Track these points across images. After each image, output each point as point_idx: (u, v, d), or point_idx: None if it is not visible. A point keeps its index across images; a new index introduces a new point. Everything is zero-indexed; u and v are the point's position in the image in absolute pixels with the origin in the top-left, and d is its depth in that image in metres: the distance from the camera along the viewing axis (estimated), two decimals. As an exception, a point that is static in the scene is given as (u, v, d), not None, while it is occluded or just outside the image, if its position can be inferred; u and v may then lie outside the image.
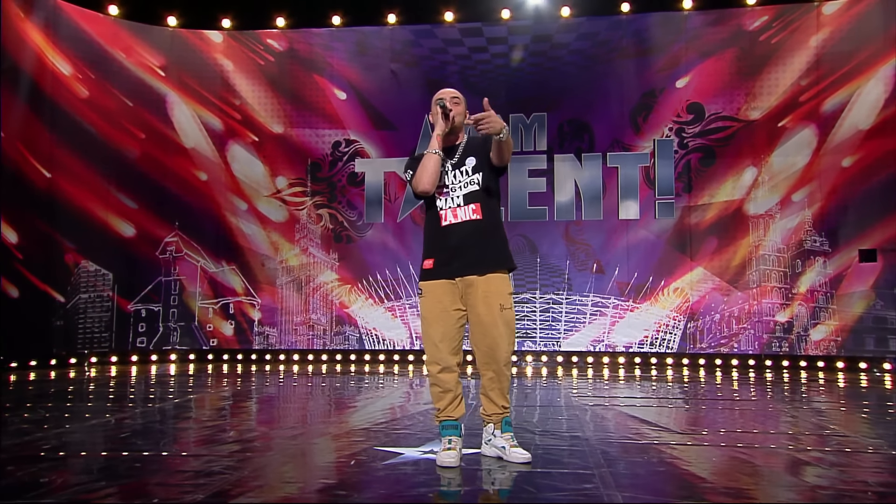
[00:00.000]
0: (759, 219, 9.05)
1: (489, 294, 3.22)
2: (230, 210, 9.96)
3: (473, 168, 3.32)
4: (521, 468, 3.11)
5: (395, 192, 9.79)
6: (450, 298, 3.26)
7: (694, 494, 2.75)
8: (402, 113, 9.79)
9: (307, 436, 3.90)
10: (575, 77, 9.50)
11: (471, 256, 3.24)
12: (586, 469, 3.10)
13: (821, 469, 3.16)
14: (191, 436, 4.03)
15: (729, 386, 6.90)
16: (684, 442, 3.84)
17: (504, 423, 3.30)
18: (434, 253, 3.32)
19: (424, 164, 3.27)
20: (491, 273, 3.25)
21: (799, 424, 4.51)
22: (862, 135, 8.84)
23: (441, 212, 3.30)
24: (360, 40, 9.98)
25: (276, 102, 10.04)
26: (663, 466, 3.28)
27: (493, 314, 3.21)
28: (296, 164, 9.96)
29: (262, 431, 4.13)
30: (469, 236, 3.25)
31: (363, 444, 3.68)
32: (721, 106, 9.22)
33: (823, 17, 9.09)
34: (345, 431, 4.07)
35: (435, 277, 3.29)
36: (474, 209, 3.25)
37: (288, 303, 9.80)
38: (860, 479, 2.99)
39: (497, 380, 3.27)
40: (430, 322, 3.27)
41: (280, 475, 2.99)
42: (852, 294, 8.79)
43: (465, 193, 3.28)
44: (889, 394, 6.51)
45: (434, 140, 3.31)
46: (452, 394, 3.24)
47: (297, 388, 6.78)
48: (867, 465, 3.27)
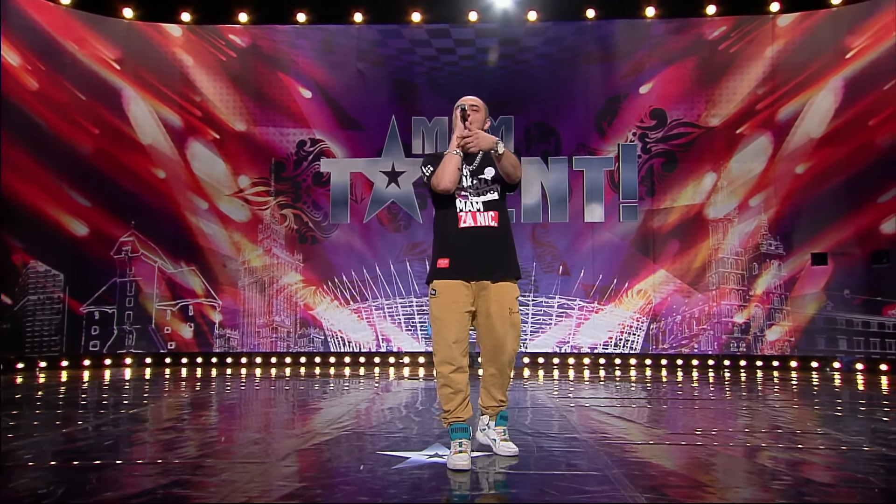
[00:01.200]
0: (719, 223, 9.34)
1: (502, 297, 3.31)
2: (190, 209, 9.69)
3: (493, 178, 3.39)
4: (535, 471, 3.12)
5: (361, 192, 9.69)
6: (463, 300, 3.29)
7: (714, 493, 2.81)
8: (369, 113, 9.71)
9: (302, 439, 3.82)
10: (542, 81, 9.60)
11: (487, 262, 3.31)
12: (597, 470, 3.13)
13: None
14: (176, 441, 3.89)
15: (704, 386, 7.08)
16: (681, 442, 3.92)
17: (499, 416, 3.45)
18: (449, 253, 3.34)
19: (445, 163, 3.32)
20: (503, 281, 3.34)
21: (783, 422, 4.67)
22: (814, 143, 9.23)
23: (460, 213, 3.35)
24: (326, 38, 9.85)
25: (239, 99, 9.82)
26: (672, 466, 3.34)
27: (503, 315, 3.31)
28: (259, 162, 9.75)
29: (251, 437, 4.02)
30: (487, 242, 3.32)
31: (364, 448, 3.63)
32: (682, 112, 9.48)
33: (778, 28, 9.45)
34: (339, 436, 4.00)
35: (450, 277, 3.31)
36: (493, 216, 3.34)
37: (250, 304, 9.59)
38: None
39: (499, 376, 3.39)
40: (444, 323, 3.26)
41: (291, 481, 2.91)
42: (805, 296, 9.16)
43: (485, 200, 3.35)
44: (839, 392, 6.79)
45: (454, 141, 3.36)
46: (463, 394, 3.25)
47: (269, 391, 6.64)
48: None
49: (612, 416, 4.96)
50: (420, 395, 6.12)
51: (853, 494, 2.80)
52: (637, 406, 5.61)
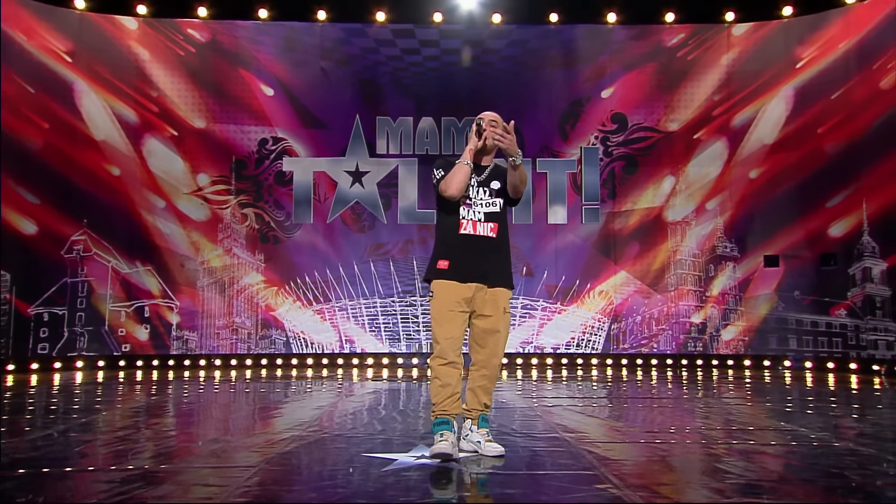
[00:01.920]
0: (677, 225, 9.58)
1: (496, 299, 3.49)
2: (146, 207, 9.41)
3: (498, 191, 3.55)
4: (526, 472, 3.15)
5: (324, 192, 9.59)
6: (458, 301, 3.44)
7: (706, 490, 2.88)
8: (333, 112, 9.62)
9: (283, 442, 3.75)
10: (506, 83, 9.67)
11: (483, 269, 3.47)
12: (586, 469, 3.17)
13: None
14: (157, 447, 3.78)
15: (668, 385, 7.24)
16: (667, 440, 4.00)
17: (481, 419, 3.52)
18: (449, 256, 3.49)
19: (455, 172, 3.47)
20: (497, 287, 3.51)
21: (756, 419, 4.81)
22: (767, 149, 9.55)
23: (462, 220, 3.51)
24: (289, 36, 9.72)
25: (198, 96, 9.59)
26: (658, 464, 3.40)
27: (496, 317, 3.48)
28: (219, 160, 9.55)
29: (226, 441, 3.93)
30: (485, 251, 3.50)
31: (349, 451, 3.59)
32: (643, 117, 9.68)
33: (733, 37, 9.75)
34: (319, 439, 3.95)
35: (448, 278, 3.46)
36: (492, 227, 3.51)
37: (210, 305, 9.38)
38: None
39: (489, 378, 3.52)
40: (439, 322, 3.44)
41: (282, 486, 2.86)
42: (758, 297, 9.47)
43: (486, 211, 3.51)
44: (789, 389, 7.04)
45: (466, 153, 3.52)
46: (451, 388, 3.38)
47: (235, 394, 6.50)
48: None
49: (585, 415, 5.03)
50: (394, 396, 6.09)
51: (833, 489, 2.91)
52: (608, 405, 5.71)
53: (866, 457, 3.51)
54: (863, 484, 2.98)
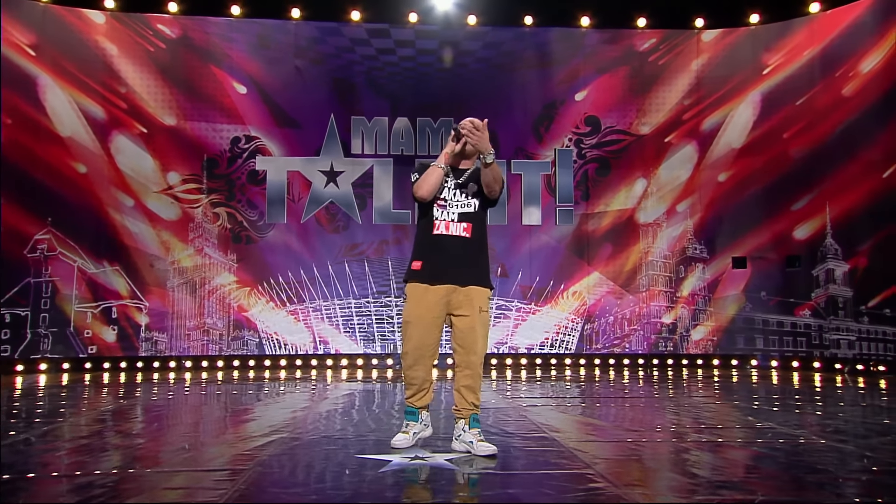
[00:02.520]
0: (648, 227, 9.74)
1: (471, 298, 3.54)
2: (114, 206, 9.19)
3: (474, 193, 3.60)
4: (524, 471, 3.17)
5: (298, 191, 9.50)
6: (431, 301, 3.51)
7: (699, 488, 2.94)
8: (307, 111, 9.53)
9: (275, 445, 3.70)
10: (481, 84, 9.71)
11: (455, 269, 3.53)
12: (580, 468, 3.21)
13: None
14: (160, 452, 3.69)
15: (648, 385, 7.36)
16: (652, 438, 4.07)
17: (472, 419, 3.55)
18: (423, 256, 3.59)
19: (428, 174, 3.54)
20: (471, 286, 3.56)
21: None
22: (735, 153, 9.77)
23: (436, 221, 3.57)
24: (262, 33, 9.60)
25: (168, 92, 9.41)
26: (651, 463, 3.46)
27: (472, 316, 3.52)
28: (190, 159, 9.38)
29: (211, 445, 3.87)
30: (457, 250, 3.55)
31: (341, 453, 3.57)
32: (615, 120, 9.82)
33: (703, 43, 9.95)
34: (308, 441, 3.91)
35: (420, 279, 3.56)
36: (465, 228, 3.56)
37: (180, 306, 9.21)
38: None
39: (472, 377, 3.55)
40: (408, 323, 3.56)
41: (283, 487, 2.83)
42: (726, 297, 9.69)
43: (460, 212, 3.57)
44: (756, 387, 7.22)
45: (442, 156, 3.58)
46: (417, 387, 3.58)
47: (214, 396, 6.40)
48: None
49: (569, 414, 5.09)
50: (374, 397, 6.06)
51: (822, 483, 3.00)
52: (589, 405, 5.78)
53: (848, 453, 3.62)
54: (848, 479, 3.08)
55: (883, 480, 3.04)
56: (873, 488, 2.93)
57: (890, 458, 3.51)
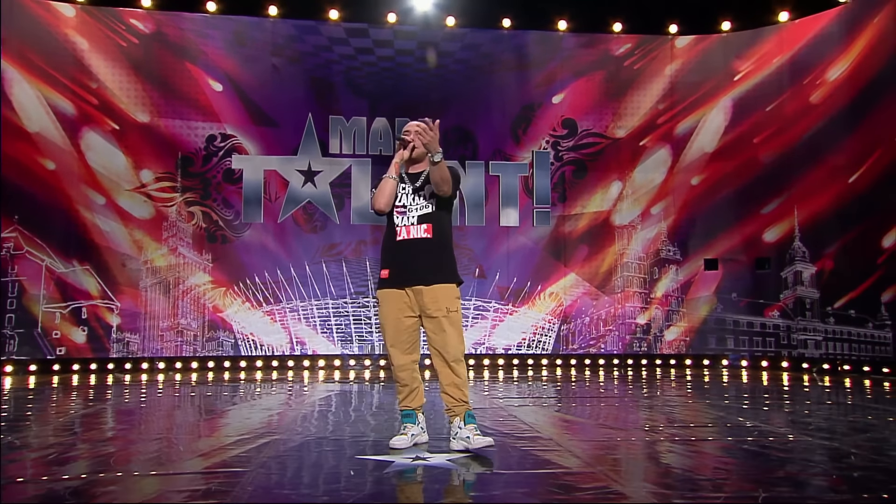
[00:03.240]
0: (624, 229, 9.88)
1: (436, 299, 3.57)
2: (84, 204, 8.98)
3: (431, 194, 3.65)
4: (530, 471, 3.20)
5: (275, 191, 9.40)
6: (400, 306, 3.61)
7: (702, 484, 3.00)
8: (284, 109, 9.45)
9: (273, 447, 3.66)
10: (459, 86, 9.74)
11: (419, 269, 3.59)
12: (585, 468, 3.25)
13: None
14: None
15: (627, 384, 7.46)
16: (642, 437, 4.13)
17: (467, 415, 3.57)
18: (389, 264, 3.69)
19: (381, 186, 3.65)
20: (436, 284, 3.59)
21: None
22: (707, 157, 9.98)
23: (398, 228, 3.64)
24: (238, 30, 9.48)
25: (141, 89, 9.23)
26: (650, 461, 3.52)
27: (440, 316, 3.56)
28: (164, 156, 9.21)
29: (209, 446, 3.81)
30: (419, 252, 3.61)
31: (340, 454, 3.55)
32: (591, 123, 9.94)
33: (676, 49, 10.14)
34: (303, 443, 3.88)
35: (388, 286, 3.65)
36: (426, 229, 3.61)
37: (153, 307, 9.03)
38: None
39: (450, 375, 3.57)
40: (383, 327, 3.70)
41: (293, 489, 2.80)
42: (698, 298, 9.89)
43: (419, 214, 3.64)
44: (727, 386, 7.38)
45: (392, 166, 3.66)
46: (409, 388, 3.66)
47: (197, 398, 6.29)
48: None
49: (558, 414, 5.13)
50: (364, 397, 6.04)
51: (818, 479, 3.09)
52: (575, 405, 5.84)
53: (835, 450, 3.74)
54: (844, 475, 3.17)
55: (875, 476, 3.14)
56: (869, 483, 3.02)
57: (875, 454, 3.62)
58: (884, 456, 3.57)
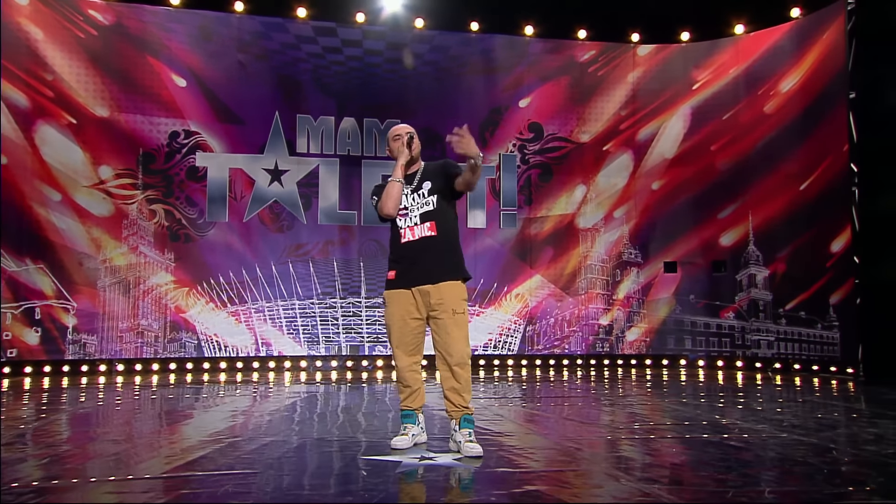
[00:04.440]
0: (587, 232, 10.09)
1: (442, 300, 3.57)
2: (38, 200, 8.62)
3: (429, 191, 3.67)
4: (543, 470, 3.25)
5: (241, 190, 9.23)
6: (406, 307, 3.63)
7: (708, 481, 3.11)
8: (251, 107, 9.29)
9: (278, 447, 3.62)
10: (428, 87, 9.76)
11: (425, 268, 3.59)
12: (593, 464, 3.32)
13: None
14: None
15: (600, 383, 7.61)
16: (622, 437, 4.24)
17: (463, 419, 3.57)
18: (395, 265, 3.70)
19: (388, 191, 3.65)
20: (443, 282, 3.57)
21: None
22: (667, 163, 10.28)
23: (401, 230, 3.67)
24: (203, 25, 9.27)
25: (100, 82, 8.92)
26: (653, 458, 3.62)
27: (447, 318, 3.55)
28: (124, 152, 8.93)
29: (211, 447, 3.73)
30: (424, 251, 3.61)
31: (344, 455, 3.54)
32: (557, 127, 10.11)
33: (638, 57, 10.41)
34: (302, 444, 3.84)
35: (395, 287, 3.67)
36: (430, 227, 3.62)
37: (112, 307, 8.74)
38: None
39: (453, 378, 3.56)
40: (388, 328, 3.72)
41: (317, 490, 2.78)
42: (658, 300, 10.17)
43: (421, 213, 3.64)
44: (684, 385, 7.63)
45: (398, 169, 3.66)
46: (410, 389, 3.68)
47: (183, 399, 6.13)
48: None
49: (548, 415, 5.21)
50: (342, 399, 5.99)
51: (813, 473, 3.24)
52: (562, 405, 5.93)
53: (815, 446, 3.92)
54: (834, 469, 3.34)
55: (860, 470, 3.32)
56: (857, 476, 3.19)
57: (853, 448, 3.82)
58: (861, 450, 3.77)
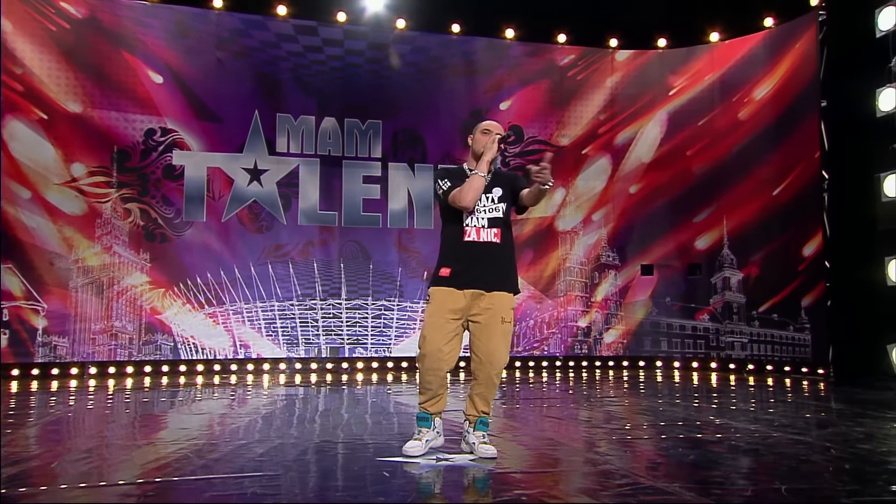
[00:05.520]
0: (567, 235, 10.16)
1: (493, 306, 3.52)
2: (6, 198, 8.32)
3: (500, 198, 3.64)
4: (561, 469, 3.24)
5: (219, 189, 9.05)
6: (453, 307, 3.50)
7: (723, 480, 3.14)
8: (229, 105, 9.13)
9: (297, 448, 3.54)
10: (409, 88, 9.72)
11: (484, 273, 3.54)
12: (604, 464, 3.33)
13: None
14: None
15: (606, 384, 7.65)
16: (613, 437, 4.27)
17: (479, 422, 3.57)
18: (452, 263, 3.58)
19: (472, 183, 3.53)
20: (497, 291, 3.53)
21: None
22: (644, 167, 10.42)
23: (466, 227, 3.58)
24: (181, 21, 9.08)
25: (73, 77, 8.67)
26: (667, 459, 3.64)
27: (494, 324, 3.50)
28: (98, 150, 8.68)
29: (242, 447, 3.64)
30: (487, 255, 3.56)
31: (364, 457, 3.50)
32: (537, 130, 10.17)
33: (616, 62, 10.53)
34: (313, 446, 3.77)
35: (447, 285, 3.54)
36: (496, 233, 3.59)
37: (84, 308, 8.49)
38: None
39: (486, 386, 3.53)
40: (430, 326, 3.49)
41: (349, 493, 2.73)
42: (635, 302, 10.29)
43: (489, 217, 3.59)
44: (661, 387, 7.74)
45: (484, 164, 3.57)
46: (432, 393, 3.53)
47: (175, 402, 5.97)
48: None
49: (543, 416, 5.21)
50: (351, 400, 5.91)
51: (823, 472, 3.30)
52: (552, 405, 5.95)
53: (812, 445, 4.00)
54: (840, 466, 3.41)
55: (863, 468, 3.39)
56: (862, 473, 3.26)
57: (849, 447, 3.90)
58: (858, 448, 3.85)
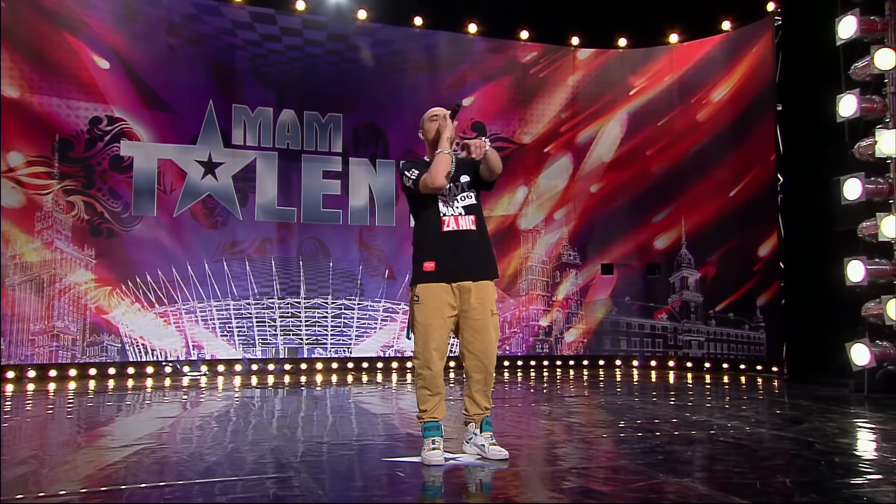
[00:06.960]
0: (529, 233, 10.10)
1: (483, 300, 3.46)
2: (-65, 188, 7.73)
3: (469, 184, 3.59)
4: (570, 466, 3.12)
5: (171, 182, 8.62)
6: (446, 304, 3.42)
7: (731, 476, 3.06)
8: (182, 94, 8.71)
9: (308, 447, 3.30)
10: (370, 82, 9.48)
11: (469, 263, 3.48)
12: (619, 460, 3.23)
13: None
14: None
15: (579, 383, 7.56)
16: (611, 435, 4.18)
17: (484, 422, 3.47)
18: (433, 256, 3.47)
19: (438, 161, 3.45)
20: (483, 280, 3.49)
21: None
22: (605, 166, 10.45)
23: (444, 217, 3.49)
24: (128, 3, 8.62)
25: (9, 59, 8.10)
26: (666, 455, 3.55)
27: (485, 319, 3.44)
28: (38, 138, 8.15)
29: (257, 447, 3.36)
30: (468, 244, 3.49)
31: (372, 458, 3.37)
32: (500, 128, 10.07)
33: (578, 61, 10.54)
34: (320, 446, 3.55)
35: (435, 280, 3.44)
36: (472, 220, 3.53)
37: (22, 307, 7.94)
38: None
39: (485, 381, 3.48)
40: (427, 328, 3.39)
41: (369, 489, 2.54)
42: (596, 301, 10.31)
43: (465, 205, 3.54)
44: (620, 386, 7.76)
45: (445, 141, 3.51)
46: (440, 396, 3.42)
47: (184, 405, 5.58)
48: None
49: (534, 415, 5.09)
50: (336, 400, 5.66)
51: (818, 466, 3.26)
52: (542, 404, 5.84)
53: (796, 440, 3.98)
54: (832, 460, 3.38)
55: (848, 461, 3.38)
56: (853, 467, 3.23)
57: (831, 441, 3.90)
58: (838, 442, 3.86)
